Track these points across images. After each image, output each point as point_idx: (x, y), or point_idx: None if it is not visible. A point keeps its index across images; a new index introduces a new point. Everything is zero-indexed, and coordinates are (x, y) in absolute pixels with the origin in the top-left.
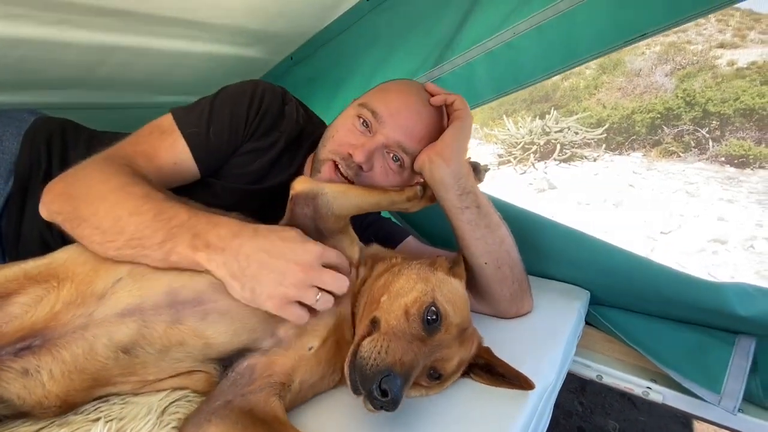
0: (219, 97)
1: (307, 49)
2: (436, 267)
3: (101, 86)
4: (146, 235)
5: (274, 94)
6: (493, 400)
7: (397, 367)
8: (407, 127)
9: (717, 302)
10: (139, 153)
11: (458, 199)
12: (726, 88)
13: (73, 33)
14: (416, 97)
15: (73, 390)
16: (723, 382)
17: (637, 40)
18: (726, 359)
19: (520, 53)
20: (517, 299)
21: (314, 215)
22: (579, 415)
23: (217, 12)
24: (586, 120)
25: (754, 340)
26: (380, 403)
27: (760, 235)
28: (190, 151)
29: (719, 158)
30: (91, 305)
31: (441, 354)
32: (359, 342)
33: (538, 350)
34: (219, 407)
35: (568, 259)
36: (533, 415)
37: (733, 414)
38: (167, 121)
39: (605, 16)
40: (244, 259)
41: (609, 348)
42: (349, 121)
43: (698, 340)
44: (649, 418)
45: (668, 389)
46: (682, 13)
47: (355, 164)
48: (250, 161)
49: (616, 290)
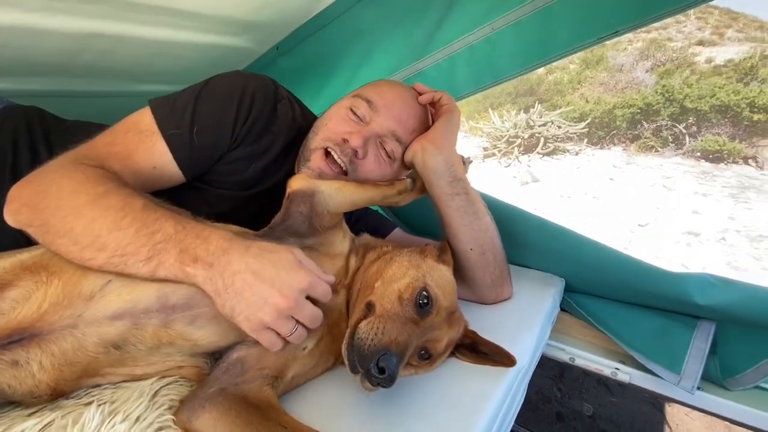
0: (204, 94)
1: (293, 40)
2: (426, 254)
3: (83, 74)
4: (129, 252)
5: (266, 95)
6: (469, 381)
7: (393, 347)
8: (400, 118)
9: (678, 292)
10: (114, 155)
11: (449, 186)
12: (703, 85)
13: (56, 19)
14: (407, 92)
15: (63, 380)
16: (683, 363)
17: (609, 37)
18: (687, 342)
19: (498, 48)
20: (498, 285)
21: (310, 212)
22: (557, 400)
23: (203, 1)
24: (569, 114)
25: (714, 324)
26: (378, 380)
27: (732, 228)
28: (171, 155)
29: (695, 153)
30: (79, 307)
31: (432, 335)
32: (356, 324)
33: (513, 334)
34: (213, 394)
35: (542, 250)
36: (507, 395)
37: (691, 393)
38: (146, 120)
39: (579, 14)
40: (230, 276)
41: (582, 332)
42: (342, 111)
43: (662, 325)
44: (623, 401)
45: (635, 370)
46: (653, 11)
47: (350, 150)
48: (243, 168)
49: (587, 279)
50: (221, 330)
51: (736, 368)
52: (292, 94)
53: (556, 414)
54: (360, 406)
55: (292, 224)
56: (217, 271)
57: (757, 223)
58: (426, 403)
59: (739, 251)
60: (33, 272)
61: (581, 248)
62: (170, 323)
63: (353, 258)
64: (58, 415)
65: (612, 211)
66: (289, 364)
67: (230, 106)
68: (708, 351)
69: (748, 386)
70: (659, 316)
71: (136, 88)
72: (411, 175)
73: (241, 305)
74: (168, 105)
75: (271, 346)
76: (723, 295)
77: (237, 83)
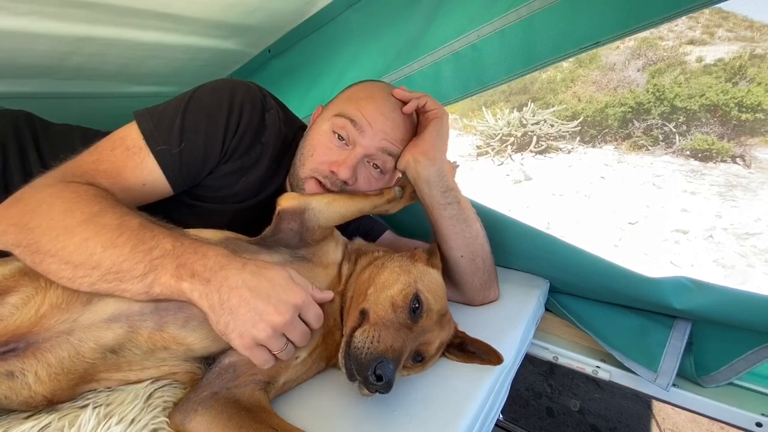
0: (191, 106)
1: (284, 43)
2: (416, 259)
3: (73, 76)
4: (125, 269)
5: (254, 104)
6: (455, 380)
7: (389, 354)
8: (386, 132)
9: (656, 296)
10: (101, 172)
11: (442, 195)
12: (693, 84)
13: (45, 24)
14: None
15: (60, 389)
16: (660, 361)
17: (590, 48)
18: (664, 341)
19: (484, 55)
20: (486, 288)
21: (300, 229)
22: (548, 396)
23: (194, 5)
24: (561, 113)
25: (691, 323)
26: (375, 387)
27: (719, 226)
28: (161, 171)
29: (684, 152)
30: (76, 311)
31: (424, 338)
32: (351, 333)
33: (498, 333)
34: (206, 397)
35: (529, 256)
36: (491, 392)
37: (666, 390)
38: (132, 135)
39: (561, 25)
40: (227, 291)
41: (565, 332)
42: (325, 138)
43: (640, 324)
44: (611, 396)
45: (614, 368)
46: (631, 24)
47: (339, 181)
48: (234, 181)
49: (570, 283)
50: (214, 333)
51: (710, 366)
52: (278, 100)
53: (546, 409)
54: (347, 407)
55: (282, 238)
56: (213, 286)
57: (744, 221)
58: (412, 402)
59: (726, 249)
60: (32, 278)
61: (565, 254)
62: (164, 326)
63: (346, 264)
64: (54, 417)
65: (603, 209)
66: (281, 371)
67: (219, 120)
68: (683, 349)
69: (721, 383)
70: (638, 315)
71: (127, 90)
72: (401, 180)
73: (235, 321)
74: (153, 119)
75: (263, 363)
76: (699, 299)
77: (224, 94)
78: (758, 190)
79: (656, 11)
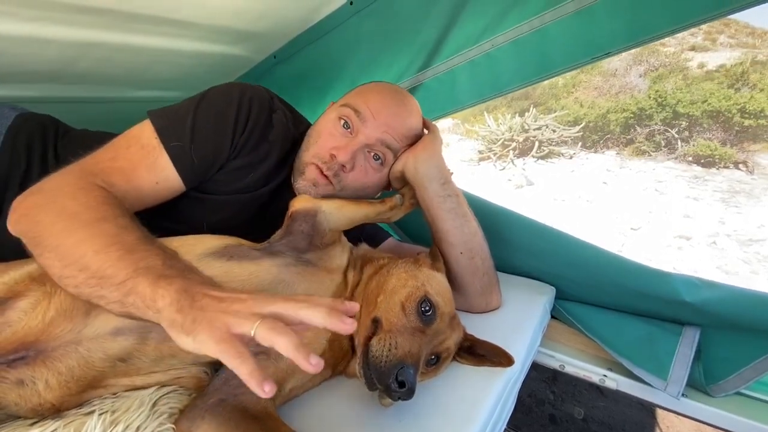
0: (203, 105)
1: (290, 49)
2: (420, 263)
3: (80, 80)
4: (107, 275)
5: (261, 103)
6: (462, 388)
7: (408, 359)
8: (388, 124)
9: (666, 290)
10: (116, 170)
11: (441, 188)
12: (695, 90)
13: (53, 29)
14: (394, 97)
15: (68, 396)
16: (669, 369)
17: (601, 58)
18: (673, 349)
19: (499, 64)
20: (487, 293)
21: (311, 231)
22: (551, 403)
23: (200, 12)
24: (563, 118)
25: (699, 330)
26: (398, 394)
27: (722, 232)
28: (174, 168)
29: (687, 158)
30: (79, 322)
31: (438, 340)
32: (365, 342)
33: (505, 342)
34: (213, 404)
35: (532, 251)
36: (499, 401)
37: (677, 399)
38: (147, 133)
39: (573, 36)
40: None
41: (572, 339)
42: (330, 124)
43: (649, 332)
44: (616, 405)
45: (622, 377)
46: (640, 35)
47: (337, 164)
48: (242, 176)
49: (576, 280)
50: None
51: (718, 374)
52: (285, 103)
53: (549, 417)
54: (355, 416)
55: (292, 240)
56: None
57: (747, 227)
58: (420, 412)
59: (730, 255)
60: (40, 283)
61: (573, 249)
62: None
63: (351, 271)
64: (60, 424)
65: (605, 215)
66: (287, 378)
67: (228, 116)
68: (693, 357)
69: (730, 392)
70: (646, 323)
71: (134, 94)
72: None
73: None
74: (167, 117)
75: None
76: (709, 293)
77: (234, 93)
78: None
79: (663, 24)
